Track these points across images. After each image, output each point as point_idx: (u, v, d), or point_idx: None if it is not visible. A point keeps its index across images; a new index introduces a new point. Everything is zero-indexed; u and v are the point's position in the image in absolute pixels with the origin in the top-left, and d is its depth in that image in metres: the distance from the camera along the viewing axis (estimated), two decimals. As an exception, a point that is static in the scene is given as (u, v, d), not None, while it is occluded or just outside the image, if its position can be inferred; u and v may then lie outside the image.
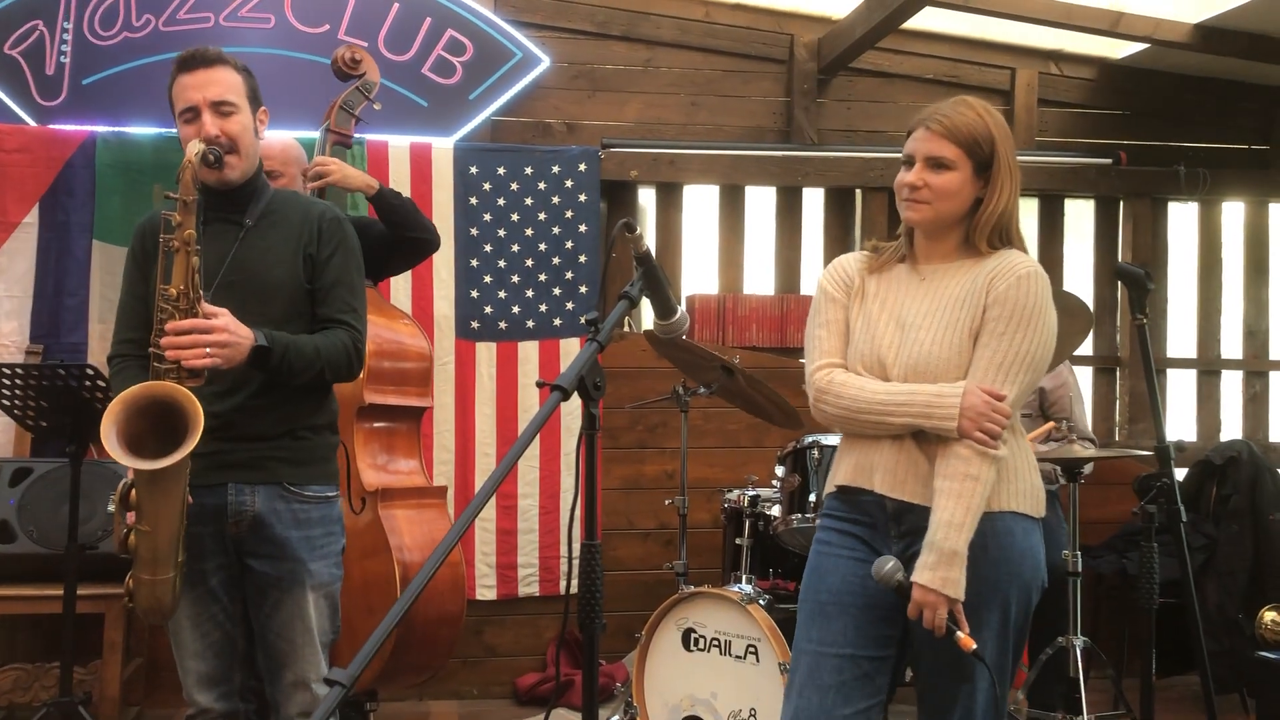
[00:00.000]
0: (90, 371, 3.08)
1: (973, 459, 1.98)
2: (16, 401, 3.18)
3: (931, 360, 2.06)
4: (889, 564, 1.98)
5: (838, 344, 2.16)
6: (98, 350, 4.12)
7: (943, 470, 2.00)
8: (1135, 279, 2.89)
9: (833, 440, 3.43)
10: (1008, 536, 2.06)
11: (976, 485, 1.98)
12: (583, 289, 4.60)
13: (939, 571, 1.95)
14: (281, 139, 3.39)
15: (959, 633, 1.94)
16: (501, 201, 4.54)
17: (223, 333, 2.18)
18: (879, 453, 2.09)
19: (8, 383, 3.13)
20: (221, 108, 2.32)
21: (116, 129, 4.28)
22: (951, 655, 1.99)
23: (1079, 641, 3.34)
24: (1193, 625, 2.86)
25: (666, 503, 3.90)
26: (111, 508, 3.58)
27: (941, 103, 2.13)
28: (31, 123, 4.29)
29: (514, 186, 4.55)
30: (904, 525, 2.08)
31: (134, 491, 2.17)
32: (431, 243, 3.46)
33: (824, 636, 2.10)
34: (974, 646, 1.92)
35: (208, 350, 2.15)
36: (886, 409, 2.04)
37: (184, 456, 2.09)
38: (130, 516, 2.20)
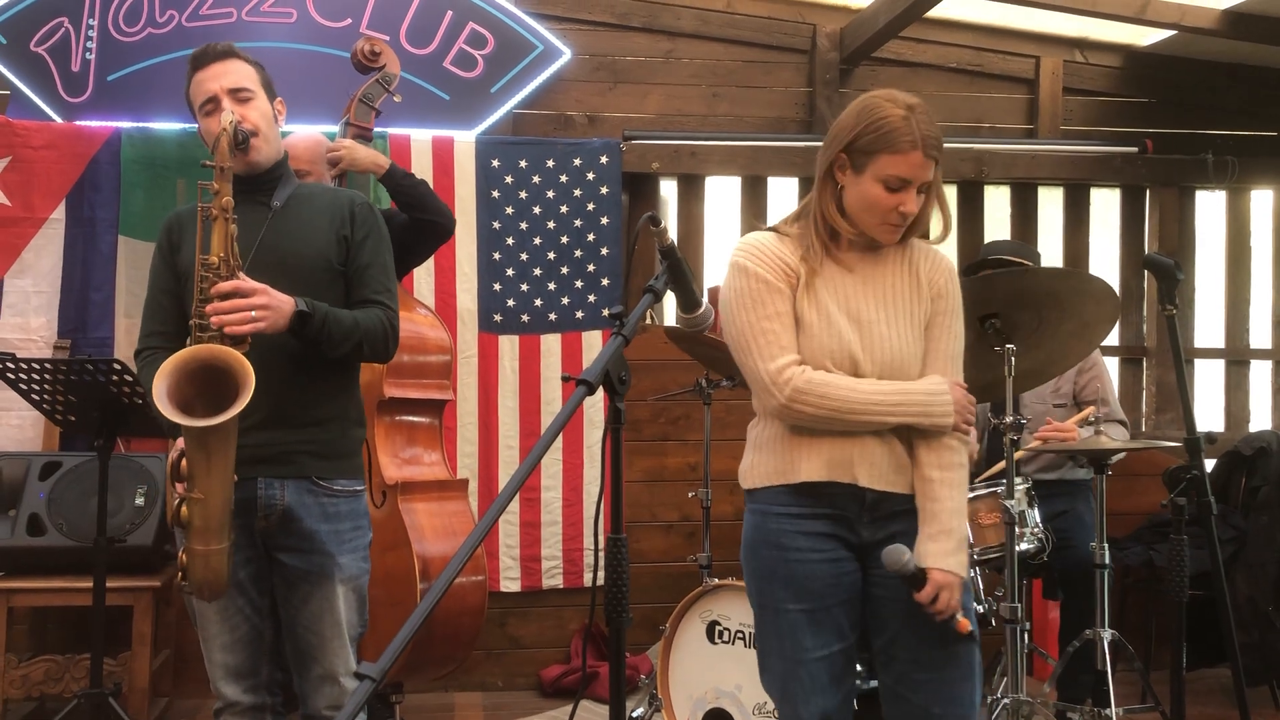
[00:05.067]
0: (117, 366, 3.09)
1: (960, 449, 2.12)
2: (45, 396, 3.20)
3: (902, 356, 2.11)
4: (905, 555, 2.03)
5: (793, 339, 2.10)
6: (124, 345, 4.16)
7: (937, 462, 2.10)
8: (1165, 269, 2.85)
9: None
10: None
11: (965, 472, 2.13)
12: (605, 282, 4.60)
13: (958, 556, 2.06)
14: (308, 136, 3.40)
15: (958, 615, 2.06)
16: (523, 194, 4.54)
17: (264, 295, 2.19)
18: (860, 446, 2.09)
19: (36, 377, 3.15)
20: (239, 94, 2.36)
21: (141, 124, 4.31)
22: (938, 626, 2.07)
23: (1106, 634, 3.32)
24: (1224, 618, 2.83)
25: (690, 495, 3.89)
26: (140, 500, 3.67)
27: (920, 117, 2.12)
28: (58, 119, 4.33)
29: (536, 179, 4.55)
30: (879, 512, 2.12)
31: (184, 462, 2.17)
32: (444, 226, 3.42)
33: (818, 643, 2.11)
34: (970, 628, 2.07)
35: (251, 314, 2.17)
36: (883, 409, 2.06)
37: (235, 415, 2.08)
38: (180, 488, 2.20)
